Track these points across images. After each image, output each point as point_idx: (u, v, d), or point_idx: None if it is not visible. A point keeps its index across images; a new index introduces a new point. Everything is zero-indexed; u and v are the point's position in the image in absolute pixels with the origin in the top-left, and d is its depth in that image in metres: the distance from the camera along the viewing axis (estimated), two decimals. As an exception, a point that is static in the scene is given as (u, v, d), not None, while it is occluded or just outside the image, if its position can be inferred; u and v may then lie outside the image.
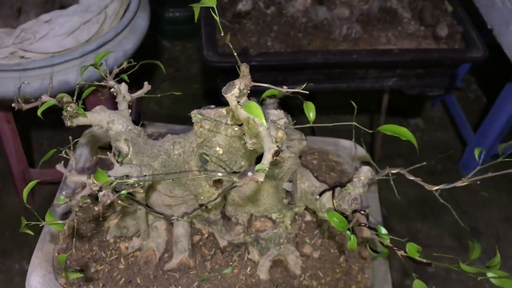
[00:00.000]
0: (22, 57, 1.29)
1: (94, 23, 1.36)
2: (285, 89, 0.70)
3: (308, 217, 1.04)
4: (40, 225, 0.71)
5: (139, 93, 0.93)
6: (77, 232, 1.00)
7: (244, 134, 0.69)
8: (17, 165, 1.71)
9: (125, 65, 0.92)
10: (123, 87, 0.90)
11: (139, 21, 1.46)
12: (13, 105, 0.81)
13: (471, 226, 1.94)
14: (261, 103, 0.99)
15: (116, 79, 0.91)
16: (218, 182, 0.80)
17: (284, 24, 1.47)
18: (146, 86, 0.92)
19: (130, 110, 0.91)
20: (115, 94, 0.90)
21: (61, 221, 0.70)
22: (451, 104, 2.21)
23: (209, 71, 2.37)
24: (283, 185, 0.94)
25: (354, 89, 1.58)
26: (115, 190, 0.71)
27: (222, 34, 0.66)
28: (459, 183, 0.74)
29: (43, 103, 0.78)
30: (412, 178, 0.76)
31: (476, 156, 0.70)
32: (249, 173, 0.58)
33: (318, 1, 1.51)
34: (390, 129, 0.74)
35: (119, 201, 0.77)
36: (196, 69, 2.43)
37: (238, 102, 0.64)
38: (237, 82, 0.64)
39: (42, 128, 2.05)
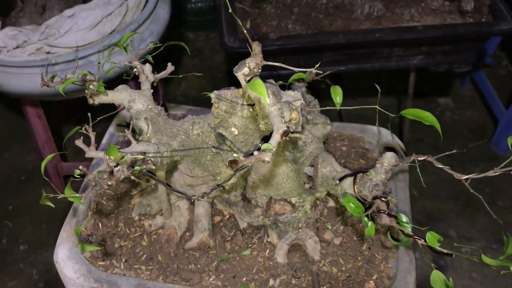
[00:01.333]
0: (48, 52, 1.32)
1: (116, 16, 1.38)
2: (310, 70, 0.69)
3: (331, 203, 1.03)
4: (58, 197, 0.73)
5: (163, 73, 0.94)
6: (105, 209, 1.03)
7: (257, 115, 0.69)
8: (50, 159, 1.76)
9: (151, 45, 0.93)
10: (147, 67, 0.92)
11: (161, 12, 1.47)
12: (39, 82, 0.83)
13: (505, 204, 1.89)
14: (289, 86, 0.99)
15: (141, 60, 0.92)
16: (233, 163, 0.81)
17: (304, 6, 1.46)
18: (170, 67, 0.93)
19: (159, 92, 0.93)
20: (137, 74, 0.91)
21: (77, 194, 0.72)
22: (481, 81, 2.15)
23: (232, 58, 2.37)
24: (305, 169, 0.94)
25: (379, 69, 1.56)
26: (132, 167, 0.72)
27: (237, 21, 0.66)
28: (490, 173, 0.71)
29: (66, 80, 0.80)
30: (440, 166, 0.74)
31: (510, 145, 0.67)
32: (256, 153, 0.58)
33: (339, -19, 1.49)
34: (413, 113, 0.72)
35: (137, 179, 0.78)
36: (220, 58, 2.44)
37: (248, 81, 0.64)
38: (248, 60, 0.64)
39: (72, 123, 2.10)
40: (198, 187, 0.95)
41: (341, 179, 0.85)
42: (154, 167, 0.76)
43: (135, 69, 0.91)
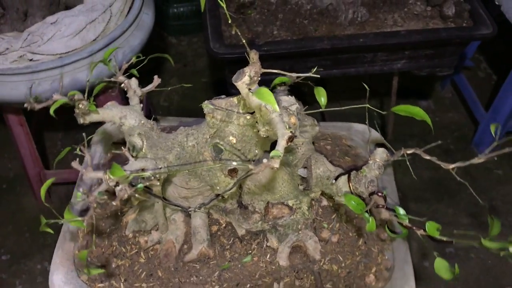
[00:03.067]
0: (31, 60, 1.30)
1: (100, 22, 1.36)
2: (295, 74, 0.70)
3: (325, 202, 1.04)
4: (60, 223, 0.72)
5: (150, 87, 0.93)
6: (96, 228, 1.01)
7: (256, 122, 0.70)
8: (33, 167, 1.73)
9: (133, 60, 0.92)
10: (133, 81, 0.91)
11: (145, 18, 1.47)
12: (25, 105, 0.82)
13: (487, 204, 1.93)
14: (272, 90, 0.99)
15: (126, 74, 0.91)
16: (233, 172, 0.81)
17: (288, 12, 1.46)
18: (156, 80, 0.93)
19: (141, 105, 0.92)
20: (125, 89, 0.91)
21: (80, 218, 0.69)
22: (461, 84, 2.19)
23: (216, 63, 2.37)
24: (299, 171, 0.95)
25: (363, 74, 1.57)
26: (131, 185, 0.71)
27: (229, 22, 0.66)
28: (475, 160, 0.74)
29: (54, 101, 0.78)
30: (428, 157, 0.76)
31: (493, 132, 0.70)
32: (264, 160, 0.58)
33: (322, -14, 1.50)
34: (404, 109, 0.74)
35: (136, 195, 0.78)
36: (203, 63, 2.43)
37: (249, 89, 0.64)
38: (247, 69, 0.64)
39: (55, 130, 2.07)
40: (193, 198, 0.94)
41: (336, 178, 0.86)
42: (158, 183, 0.75)
43: (122, 84, 0.90)
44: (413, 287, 0.94)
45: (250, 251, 0.97)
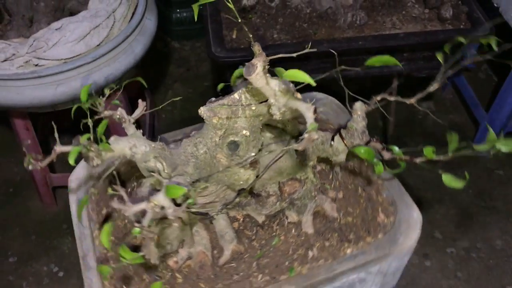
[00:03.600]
0: (36, 65, 1.33)
1: (103, 28, 1.39)
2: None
3: (318, 168, 1.12)
4: (113, 266, 0.69)
5: (139, 113, 0.91)
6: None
7: (270, 108, 0.72)
8: (39, 171, 1.76)
9: (107, 92, 0.90)
10: (120, 112, 0.88)
11: (148, 23, 1.49)
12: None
13: (488, 204, 1.94)
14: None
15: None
16: (255, 163, 0.85)
17: (288, 16, 1.49)
18: (141, 104, 0.92)
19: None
20: (121, 121, 0.89)
21: (139, 254, 0.65)
22: (462, 85, 2.21)
23: (218, 68, 2.40)
24: (294, 146, 1.00)
25: (363, 76, 1.59)
26: (177, 204, 0.71)
27: (239, 20, 0.70)
28: (431, 88, 0.78)
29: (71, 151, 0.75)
30: (393, 99, 0.79)
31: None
32: (305, 135, 0.64)
33: (321, -10, 1.52)
34: (377, 60, 0.77)
35: (182, 213, 0.77)
36: (206, 67, 2.46)
37: (267, 76, 0.69)
38: (255, 61, 0.68)
39: (61, 134, 2.10)
40: (210, 205, 0.96)
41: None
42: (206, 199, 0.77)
43: (117, 117, 0.88)
44: (418, 212, 1.00)
45: (274, 233, 1.02)
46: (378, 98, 0.82)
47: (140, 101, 0.91)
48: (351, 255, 0.95)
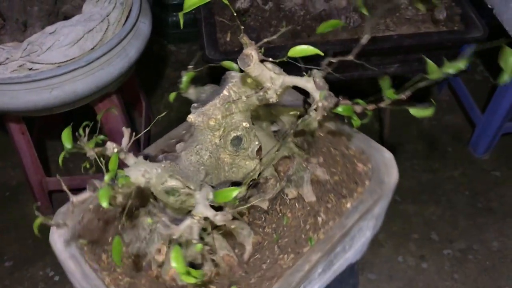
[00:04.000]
0: (30, 69, 1.33)
1: (97, 31, 1.39)
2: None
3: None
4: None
5: (127, 143, 0.86)
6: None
7: (265, 93, 0.78)
8: (34, 175, 1.76)
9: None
10: (113, 145, 0.84)
11: (142, 27, 1.50)
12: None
13: (485, 206, 1.94)
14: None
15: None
16: (259, 150, 0.90)
17: (282, 18, 1.49)
18: (127, 132, 0.86)
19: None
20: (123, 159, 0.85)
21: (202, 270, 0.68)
22: (458, 87, 2.21)
23: (213, 70, 2.40)
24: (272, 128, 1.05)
25: (357, 78, 1.59)
26: (205, 218, 0.72)
27: (240, 20, 0.70)
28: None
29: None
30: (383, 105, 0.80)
31: None
32: (319, 104, 0.71)
33: (315, -7, 1.53)
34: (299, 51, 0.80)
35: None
36: (202, 70, 2.46)
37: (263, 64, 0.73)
38: (248, 51, 0.72)
39: (57, 138, 2.10)
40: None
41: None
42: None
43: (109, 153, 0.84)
44: (389, 152, 1.12)
45: (281, 214, 1.06)
46: (371, 107, 0.85)
47: (124, 128, 0.87)
48: (353, 207, 1.03)
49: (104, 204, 0.69)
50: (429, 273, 1.76)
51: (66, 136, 0.77)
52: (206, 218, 0.71)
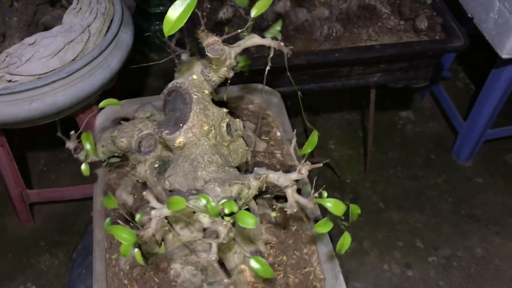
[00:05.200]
0: (9, 81, 1.31)
1: (78, 42, 1.38)
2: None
3: None
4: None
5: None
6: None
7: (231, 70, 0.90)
8: (15, 187, 1.73)
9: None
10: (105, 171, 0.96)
11: (124, 37, 1.48)
12: None
13: (468, 212, 1.95)
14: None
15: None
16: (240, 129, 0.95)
17: (265, 28, 1.49)
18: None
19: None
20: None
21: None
22: (440, 94, 2.23)
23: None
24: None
25: (340, 87, 1.59)
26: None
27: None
28: None
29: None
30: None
31: None
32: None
33: (298, 3, 1.53)
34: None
35: None
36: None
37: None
38: (212, 40, 0.81)
39: (38, 149, 2.07)
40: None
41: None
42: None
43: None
44: None
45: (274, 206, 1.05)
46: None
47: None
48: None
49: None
50: (414, 280, 1.77)
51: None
52: None
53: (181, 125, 0.83)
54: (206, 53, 0.82)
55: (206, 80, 0.92)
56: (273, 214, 0.88)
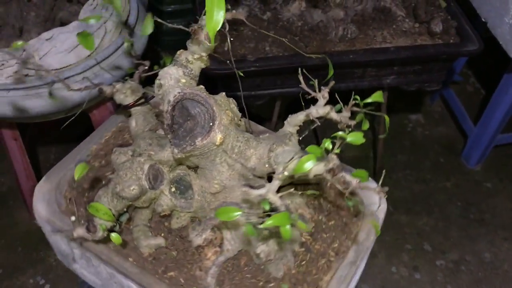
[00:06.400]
0: (26, 75, 1.32)
1: (94, 38, 1.38)
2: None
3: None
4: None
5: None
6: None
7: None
8: (26, 181, 1.74)
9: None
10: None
11: (139, 34, 1.49)
12: None
13: (477, 217, 1.95)
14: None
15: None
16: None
17: (280, 29, 1.49)
18: None
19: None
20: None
21: None
22: (450, 98, 2.23)
23: (208, 79, 2.39)
24: None
25: (352, 89, 1.59)
26: None
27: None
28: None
29: None
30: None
31: None
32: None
33: (313, 4, 1.53)
34: None
35: None
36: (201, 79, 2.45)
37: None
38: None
39: (49, 144, 2.08)
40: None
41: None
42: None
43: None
44: None
45: None
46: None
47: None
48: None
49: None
50: (422, 283, 1.77)
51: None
52: None
53: (211, 124, 0.83)
54: None
55: (191, 77, 0.91)
56: None
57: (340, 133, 0.73)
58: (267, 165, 0.83)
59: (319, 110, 0.85)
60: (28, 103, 1.33)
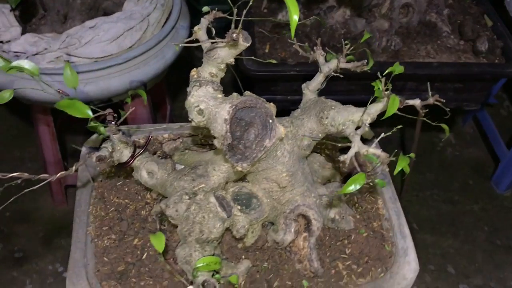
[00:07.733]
0: (67, 61, 1.32)
1: (137, 30, 1.38)
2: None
3: None
4: None
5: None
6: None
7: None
8: (54, 168, 1.74)
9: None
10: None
11: (180, 30, 1.49)
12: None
13: (504, 243, 1.90)
14: None
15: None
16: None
17: (323, 35, 1.48)
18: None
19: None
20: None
21: None
22: (484, 120, 2.19)
23: (243, 80, 2.38)
24: None
25: (390, 102, 1.57)
26: None
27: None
28: None
29: None
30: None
31: None
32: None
33: (357, 13, 1.51)
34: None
35: None
36: (227, 77, 2.43)
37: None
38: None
39: (77, 133, 2.08)
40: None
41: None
42: None
43: None
44: None
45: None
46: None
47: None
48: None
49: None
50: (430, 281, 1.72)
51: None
52: None
53: (270, 120, 0.84)
54: None
55: (220, 90, 0.93)
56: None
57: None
58: (320, 134, 0.90)
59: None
60: (66, 90, 1.33)
